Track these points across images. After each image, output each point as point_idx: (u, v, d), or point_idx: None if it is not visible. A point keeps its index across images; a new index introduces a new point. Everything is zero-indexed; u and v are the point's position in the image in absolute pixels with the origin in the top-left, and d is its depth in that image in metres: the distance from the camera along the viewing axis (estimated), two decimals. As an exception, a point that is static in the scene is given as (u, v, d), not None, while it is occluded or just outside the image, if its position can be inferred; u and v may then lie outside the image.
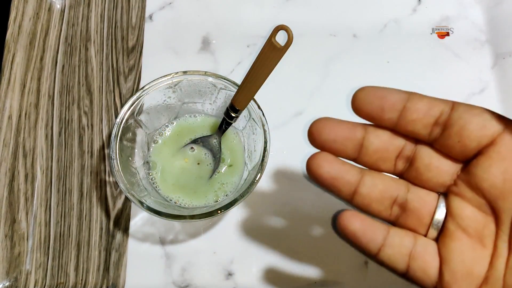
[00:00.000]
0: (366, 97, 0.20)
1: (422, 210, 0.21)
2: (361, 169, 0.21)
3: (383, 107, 0.20)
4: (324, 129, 0.21)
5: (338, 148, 0.21)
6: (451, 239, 0.20)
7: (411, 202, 0.21)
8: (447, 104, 0.20)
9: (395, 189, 0.21)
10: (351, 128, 0.21)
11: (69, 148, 0.40)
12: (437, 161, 0.20)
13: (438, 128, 0.20)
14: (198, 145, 0.37)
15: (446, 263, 0.20)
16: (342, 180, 0.21)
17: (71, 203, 0.39)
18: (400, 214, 0.21)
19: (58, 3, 0.45)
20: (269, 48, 0.28)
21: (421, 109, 0.19)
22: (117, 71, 0.43)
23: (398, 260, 0.21)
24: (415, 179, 0.21)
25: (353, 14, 0.46)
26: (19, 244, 0.37)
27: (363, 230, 0.21)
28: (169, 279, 0.37)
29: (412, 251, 0.21)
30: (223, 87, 0.35)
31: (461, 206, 0.20)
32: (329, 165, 0.21)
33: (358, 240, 0.21)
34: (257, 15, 0.45)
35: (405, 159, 0.21)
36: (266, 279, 0.37)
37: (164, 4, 0.46)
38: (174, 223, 0.38)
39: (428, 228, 0.21)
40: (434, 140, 0.20)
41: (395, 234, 0.21)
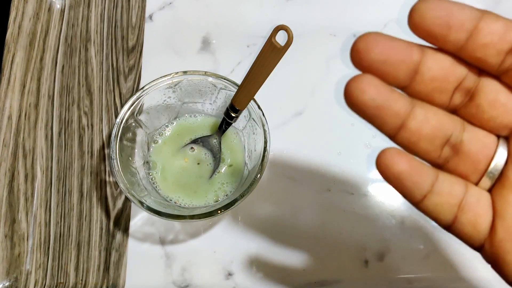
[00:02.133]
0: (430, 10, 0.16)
1: (478, 154, 0.18)
2: (411, 99, 0.18)
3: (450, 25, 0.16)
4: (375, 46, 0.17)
5: (388, 71, 0.17)
6: (510, 190, 0.17)
7: (467, 143, 0.18)
8: None
9: (450, 127, 0.18)
10: (407, 48, 0.17)
11: (69, 148, 0.40)
12: (504, 97, 0.17)
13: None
14: (198, 145, 0.37)
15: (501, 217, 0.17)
16: (389, 110, 0.17)
17: (71, 203, 0.39)
18: (451, 157, 0.18)
19: (58, 3, 0.45)
20: (269, 48, 0.28)
21: (496, 32, 0.16)
22: (117, 71, 0.43)
23: (446, 210, 0.18)
24: (473, 117, 0.18)
25: (353, 14, 0.46)
26: (19, 244, 0.37)
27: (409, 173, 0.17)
28: (169, 279, 0.37)
29: (463, 201, 0.18)
30: (223, 87, 0.35)
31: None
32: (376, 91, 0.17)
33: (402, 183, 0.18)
34: (257, 15, 0.45)
35: (465, 91, 0.18)
36: (266, 279, 0.37)
37: (164, 4, 0.46)
38: (174, 223, 0.38)
39: (481, 176, 0.18)
40: (504, 72, 0.17)
41: (445, 180, 0.18)
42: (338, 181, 0.40)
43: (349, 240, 0.38)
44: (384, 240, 0.38)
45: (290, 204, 0.39)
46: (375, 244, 0.38)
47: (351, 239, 0.38)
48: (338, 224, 0.39)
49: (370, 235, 0.38)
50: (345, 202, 0.39)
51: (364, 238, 0.38)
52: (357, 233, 0.38)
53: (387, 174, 0.17)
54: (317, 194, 0.39)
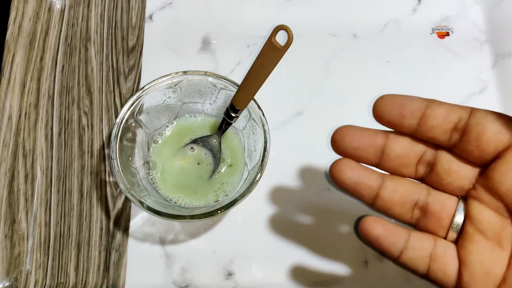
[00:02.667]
0: (386, 105, 0.21)
1: (442, 213, 0.22)
2: (382, 174, 0.22)
3: (403, 115, 0.20)
4: (346, 137, 0.22)
5: (360, 154, 0.22)
6: (469, 242, 0.21)
7: (432, 205, 0.22)
8: (465, 110, 0.20)
9: (416, 193, 0.22)
10: (372, 135, 0.22)
11: (69, 148, 0.40)
12: (456, 165, 0.21)
13: (456, 134, 0.20)
14: (198, 145, 0.37)
15: (465, 264, 0.20)
16: (364, 185, 0.22)
17: (71, 203, 0.39)
18: (421, 217, 0.22)
19: (58, 3, 0.45)
20: (269, 48, 0.28)
21: (440, 116, 0.20)
22: (117, 71, 0.43)
23: (419, 262, 0.21)
24: (435, 183, 0.22)
25: (353, 14, 0.46)
26: (19, 244, 0.37)
27: (385, 235, 0.21)
28: (169, 279, 0.37)
29: (433, 253, 0.21)
30: (223, 87, 0.35)
31: (480, 209, 0.21)
32: (351, 171, 0.22)
33: (381, 244, 0.22)
34: (257, 15, 0.45)
35: (426, 164, 0.22)
36: (266, 279, 0.37)
37: (164, 4, 0.46)
38: (174, 223, 0.38)
39: (448, 231, 0.22)
40: (453, 145, 0.21)
41: (416, 238, 0.22)
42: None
43: (348, 240, 0.38)
44: (384, 240, 0.38)
45: (290, 204, 0.39)
46: (375, 244, 0.38)
47: (351, 239, 0.38)
48: (337, 224, 0.38)
49: (370, 235, 0.38)
50: (345, 201, 0.39)
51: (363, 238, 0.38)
52: (357, 233, 0.38)
53: (368, 237, 0.22)
54: (316, 194, 0.39)
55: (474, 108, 0.20)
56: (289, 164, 0.40)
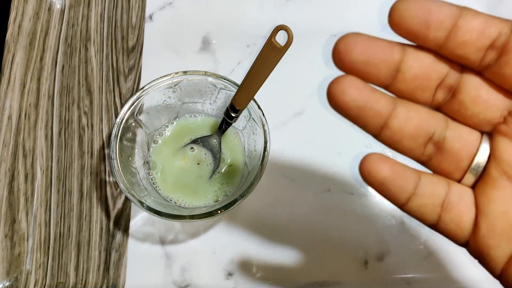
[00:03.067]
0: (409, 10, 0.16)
1: (461, 151, 0.18)
2: (393, 99, 0.18)
3: (429, 23, 0.16)
4: (356, 47, 0.17)
5: (370, 71, 0.17)
6: (493, 187, 0.17)
7: (450, 140, 0.18)
8: (506, 24, 0.16)
9: (433, 124, 0.18)
10: (387, 47, 0.17)
11: (69, 148, 0.40)
12: (486, 93, 0.17)
13: (493, 53, 0.16)
14: (198, 145, 0.37)
15: (484, 214, 0.17)
16: (371, 110, 0.17)
17: (71, 203, 0.39)
18: (434, 154, 0.18)
19: (58, 3, 0.45)
20: (269, 48, 0.28)
21: (476, 29, 0.16)
22: (117, 71, 0.43)
23: (429, 211, 0.18)
24: (456, 114, 0.18)
25: (353, 14, 0.46)
26: (19, 244, 0.37)
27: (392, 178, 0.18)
28: (169, 279, 0.37)
29: (445, 200, 0.18)
30: (223, 87, 0.35)
31: (509, 148, 0.17)
32: (357, 92, 0.17)
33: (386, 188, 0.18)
34: (257, 15, 0.45)
35: (447, 89, 0.18)
36: (266, 279, 0.37)
37: (164, 4, 0.46)
38: (174, 223, 0.38)
39: (465, 173, 0.18)
40: (485, 68, 0.17)
41: (428, 182, 0.18)
42: (338, 181, 0.40)
43: (348, 241, 0.38)
44: (383, 241, 0.38)
45: (290, 204, 0.39)
46: (374, 244, 0.38)
47: (351, 239, 0.38)
48: (337, 225, 0.38)
49: (369, 235, 0.38)
50: (345, 202, 0.39)
51: (363, 239, 0.38)
52: (357, 233, 0.38)
53: (371, 180, 0.18)
54: (317, 194, 0.39)
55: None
56: (289, 164, 0.40)
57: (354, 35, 0.17)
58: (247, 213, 0.39)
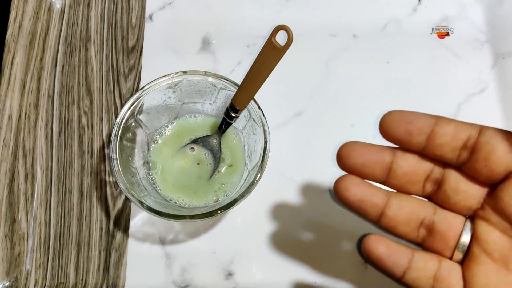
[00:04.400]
0: (394, 121, 0.20)
1: (448, 233, 0.21)
2: (387, 192, 0.22)
3: (411, 132, 0.20)
4: (353, 153, 0.21)
5: (366, 171, 0.21)
6: (475, 263, 0.20)
7: (438, 224, 0.21)
8: (474, 128, 0.20)
9: (422, 211, 0.22)
10: (379, 152, 0.21)
11: (69, 148, 0.40)
12: (464, 184, 0.21)
13: (465, 152, 0.20)
14: (198, 145, 0.37)
15: (470, 286, 0.20)
16: (369, 202, 0.21)
17: (71, 203, 0.39)
18: (426, 236, 0.22)
19: (58, 3, 0.45)
20: (269, 48, 0.28)
21: (449, 133, 0.20)
22: (117, 71, 0.43)
23: (423, 283, 0.21)
24: (442, 202, 0.22)
25: (353, 14, 0.46)
26: (19, 244, 0.37)
27: (388, 255, 0.21)
28: (169, 279, 0.37)
29: (437, 274, 0.21)
30: (223, 87, 0.35)
31: (487, 230, 0.20)
32: (356, 188, 0.21)
33: (383, 264, 0.21)
34: (257, 15, 0.45)
35: (434, 182, 0.21)
36: (266, 279, 0.37)
37: (164, 4, 0.46)
38: (174, 223, 0.38)
39: (453, 251, 0.21)
40: (461, 164, 0.20)
41: (420, 258, 0.21)
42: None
43: (348, 241, 0.38)
44: (384, 240, 0.38)
45: (289, 204, 0.39)
46: (375, 244, 0.38)
47: (351, 240, 0.38)
48: (337, 225, 0.38)
49: (370, 235, 0.38)
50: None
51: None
52: (357, 234, 0.38)
53: (371, 256, 0.21)
54: (316, 195, 0.39)
55: (484, 126, 0.20)
56: (289, 164, 0.40)
57: (352, 143, 0.21)
58: (247, 213, 0.39)
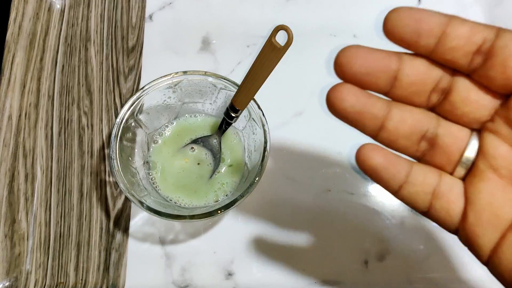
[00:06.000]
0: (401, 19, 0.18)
1: (452, 146, 0.19)
2: (388, 102, 0.19)
3: (420, 32, 0.18)
4: (356, 60, 0.18)
5: (370, 81, 0.18)
6: (480, 179, 0.19)
7: (441, 137, 0.19)
8: (491, 30, 0.17)
9: (425, 123, 0.19)
10: (385, 58, 0.18)
11: (69, 148, 0.40)
12: (475, 94, 0.19)
13: (479, 57, 0.18)
14: (198, 145, 0.37)
15: (472, 204, 0.19)
16: (368, 114, 0.19)
17: (71, 203, 0.39)
18: (427, 150, 0.20)
19: (58, 3, 0.45)
20: (269, 48, 0.28)
21: (463, 35, 0.18)
22: (117, 71, 0.43)
23: (420, 198, 0.19)
24: (448, 114, 0.19)
25: (353, 14, 0.46)
26: (19, 244, 0.37)
27: (384, 166, 0.19)
28: (169, 279, 0.37)
29: (436, 189, 0.19)
30: (223, 87, 0.35)
31: (496, 144, 0.18)
32: (354, 98, 0.18)
33: (379, 176, 0.19)
34: (257, 15, 0.45)
35: (441, 91, 0.19)
36: (266, 279, 0.37)
37: (164, 4, 0.46)
38: (174, 223, 0.38)
39: (455, 166, 0.19)
40: (474, 71, 0.18)
41: (419, 171, 0.19)
42: (338, 181, 0.40)
43: (349, 241, 0.38)
44: (384, 241, 0.38)
45: (290, 204, 0.39)
46: (375, 244, 0.38)
47: (351, 239, 0.38)
48: (338, 225, 0.38)
49: (370, 235, 0.38)
50: (345, 202, 0.39)
51: (364, 239, 0.38)
52: (357, 233, 0.38)
53: (365, 167, 0.19)
54: (317, 195, 0.39)
55: (502, 28, 0.17)
56: (289, 164, 0.40)
57: (354, 48, 0.18)
58: (247, 213, 0.39)
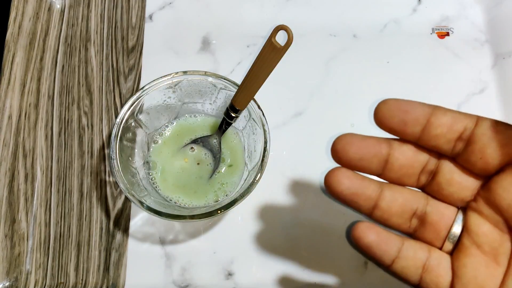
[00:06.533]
0: (389, 110, 0.20)
1: (440, 223, 0.21)
2: (380, 183, 0.21)
3: (406, 121, 0.20)
4: (350, 147, 0.20)
5: (364, 165, 0.21)
6: (465, 255, 0.20)
7: (430, 214, 0.21)
8: (471, 119, 0.19)
9: (415, 202, 0.21)
10: (376, 144, 0.21)
11: (69, 148, 0.40)
12: (458, 176, 0.20)
13: (461, 143, 0.19)
14: (198, 145, 0.37)
15: (459, 277, 0.20)
16: (362, 195, 0.21)
17: (71, 203, 0.39)
18: (418, 227, 0.22)
19: (58, 3, 0.45)
20: (269, 48, 0.28)
21: (445, 124, 0.19)
22: (117, 71, 0.43)
23: (411, 272, 0.21)
24: (436, 193, 0.21)
25: (353, 14, 0.46)
26: (19, 244, 0.37)
27: (377, 243, 0.21)
28: (169, 279, 0.37)
29: (426, 263, 0.21)
30: (223, 87, 0.35)
31: (478, 222, 0.20)
32: (349, 181, 0.21)
33: (372, 252, 0.21)
34: (257, 15, 0.45)
35: (428, 173, 0.21)
36: (266, 279, 0.37)
37: (164, 4, 0.46)
38: (174, 223, 0.38)
39: (444, 241, 0.21)
40: (456, 155, 0.20)
41: (410, 247, 0.21)
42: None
43: (348, 241, 0.38)
44: (384, 240, 0.38)
45: (290, 204, 0.39)
46: (375, 244, 0.38)
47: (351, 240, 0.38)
48: (337, 225, 0.38)
49: (370, 235, 0.38)
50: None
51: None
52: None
53: (360, 244, 0.21)
54: (317, 195, 0.39)
55: (481, 117, 0.19)
56: (289, 164, 0.40)
57: (348, 136, 0.20)
58: (247, 213, 0.39)
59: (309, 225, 0.38)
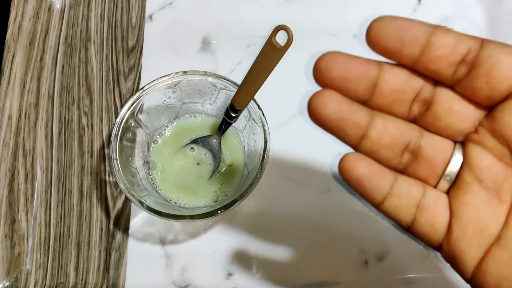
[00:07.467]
0: (385, 28, 0.17)
1: (436, 158, 0.19)
2: (370, 111, 0.19)
3: (404, 40, 0.17)
4: (335, 65, 0.18)
5: (349, 87, 0.18)
6: (465, 192, 0.18)
7: (425, 148, 0.19)
8: (476, 41, 0.17)
9: (408, 134, 0.19)
10: (365, 65, 0.18)
11: (69, 148, 0.40)
12: (458, 105, 0.18)
13: (464, 67, 0.17)
14: (198, 145, 0.37)
15: (457, 217, 0.18)
16: (350, 122, 0.18)
17: (71, 203, 0.39)
18: (410, 162, 0.19)
19: (58, 3, 0.45)
20: (269, 48, 0.28)
21: (447, 45, 0.17)
22: (117, 71, 0.43)
23: (404, 211, 0.19)
24: (431, 125, 0.19)
25: (353, 14, 0.46)
26: (19, 244, 0.37)
27: (369, 176, 0.18)
28: (169, 279, 0.37)
29: (421, 202, 0.19)
30: (223, 87, 0.35)
31: (481, 155, 0.18)
32: (337, 105, 0.18)
33: (362, 186, 0.18)
34: (257, 15, 0.45)
35: (422, 102, 0.19)
36: (266, 279, 0.37)
37: (164, 4, 0.46)
38: (174, 223, 0.38)
39: (439, 179, 0.19)
40: (457, 81, 0.18)
41: (404, 183, 0.19)
42: (338, 181, 0.40)
43: (348, 241, 0.38)
44: (383, 241, 0.38)
45: (290, 204, 0.39)
46: (374, 244, 0.38)
47: (351, 239, 0.38)
48: (337, 225, 0.38)
49: (369, 235, 0.38)
50: (345, 202, 0.39)
51: (363, 239, 0.38)
52: (357, 233, 0.38)
53: (348, 177, 0.18)
54: (317, 195, 0.39)
55: (486, 39, 0.17)
56: (289, 164, 0.40)
57: (334, 54, 0.18)
58: (247, 213, 0.39)
59: (309, 225, 0.38)
